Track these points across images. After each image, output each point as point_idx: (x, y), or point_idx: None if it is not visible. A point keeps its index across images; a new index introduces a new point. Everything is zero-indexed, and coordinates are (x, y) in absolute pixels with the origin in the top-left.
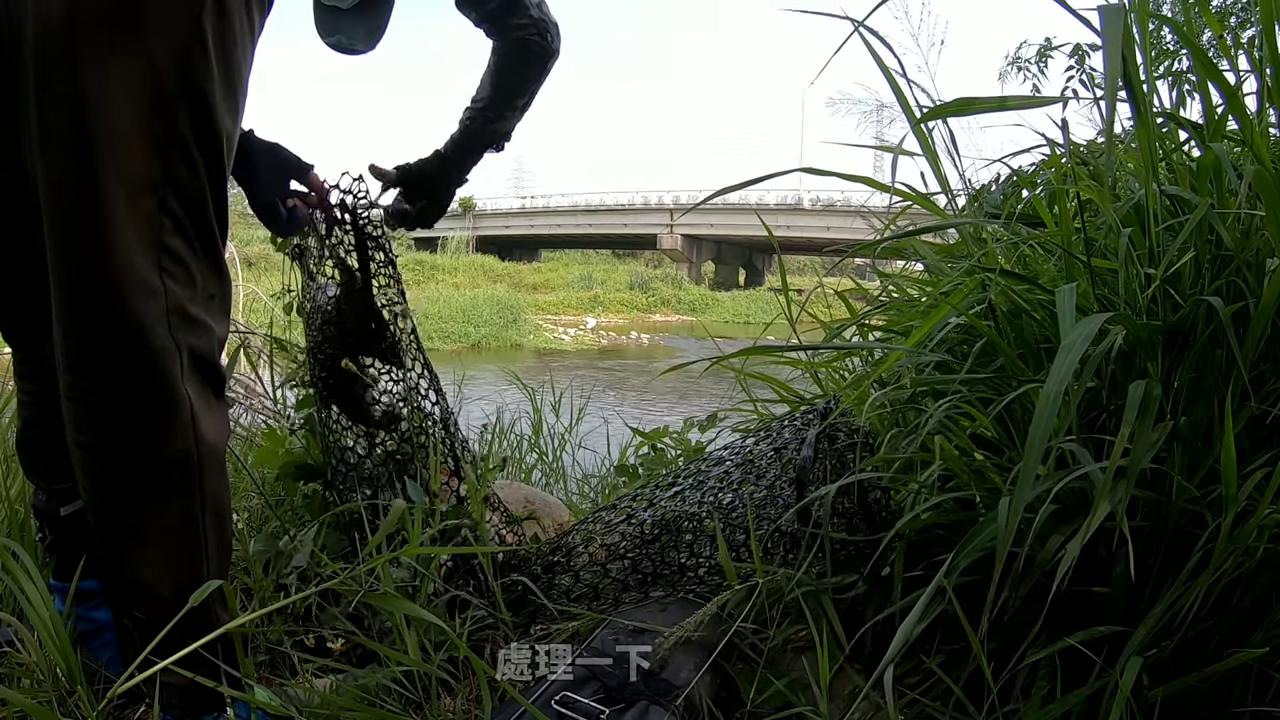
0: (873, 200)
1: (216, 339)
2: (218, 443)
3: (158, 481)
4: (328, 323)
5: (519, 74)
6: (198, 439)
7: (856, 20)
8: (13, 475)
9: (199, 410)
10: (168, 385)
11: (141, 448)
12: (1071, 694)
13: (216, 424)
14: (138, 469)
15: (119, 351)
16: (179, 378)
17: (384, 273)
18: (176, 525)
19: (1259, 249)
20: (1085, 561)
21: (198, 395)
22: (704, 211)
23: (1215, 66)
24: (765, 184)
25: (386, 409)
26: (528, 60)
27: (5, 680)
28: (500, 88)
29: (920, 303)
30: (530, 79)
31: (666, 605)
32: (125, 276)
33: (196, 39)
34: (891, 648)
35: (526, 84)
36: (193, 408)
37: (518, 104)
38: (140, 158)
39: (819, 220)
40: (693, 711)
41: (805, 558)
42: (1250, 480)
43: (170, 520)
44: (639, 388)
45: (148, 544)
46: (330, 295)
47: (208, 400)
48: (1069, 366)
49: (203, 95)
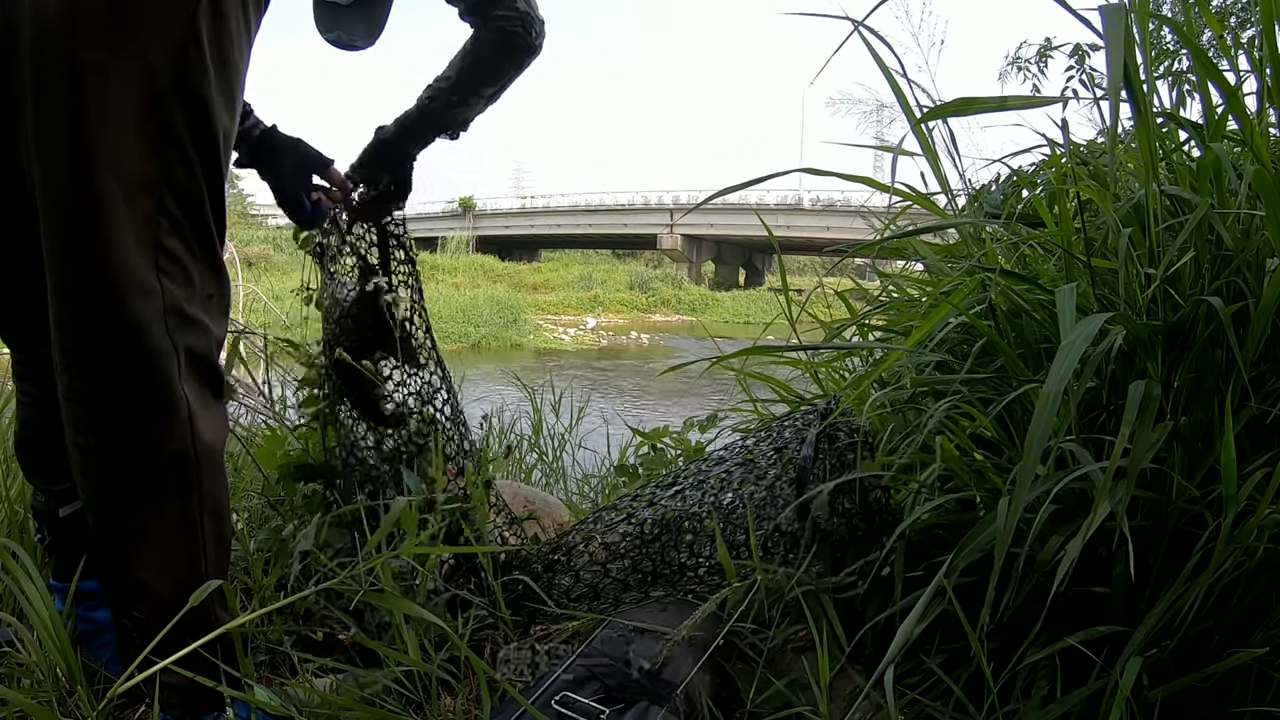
0: (873, 200)
1: (214, 339)
2: (215, 443)
3: (155, 482)
4: (346, 316)
5: (494, 63)
6: (195, 439)
7: (856, 20)
8: (12, 476)
9: (196, 410)
10: (165, 386)
11: (139, 448)
12: (1071, 694)
13: (214, 424)
14: (135, 469)
15: (116, 351)
16: (176, 378)
17: (403, 269)
18: (174, 525)
19: (1259, 249)
20: (1085, 561)
21: (195, 396)
22: (704, 211)
23: (1215, 66)
24: (765, 184)
25: (398, 406)
26: (507, 50)
27: (5, 680)
28: (471, 71)
29: (920, 303)
30: (505, 69)
31: (666, 605)
32: (122, 276)
33: (192, 39)
34: (892, 648)
35: (500, 74)
36: (190, 408)
37: (484, 92)
38: (137, 158)
39: (819, 220)
40: (692, 711)
41: (805, 557)
42: (1250, 480)
43: (168, 520)
44: (638, 386)
45: (146, 544)
46: (349, 289)
47: (205, 401)
48: (1069, 366)
49: (199, 95)
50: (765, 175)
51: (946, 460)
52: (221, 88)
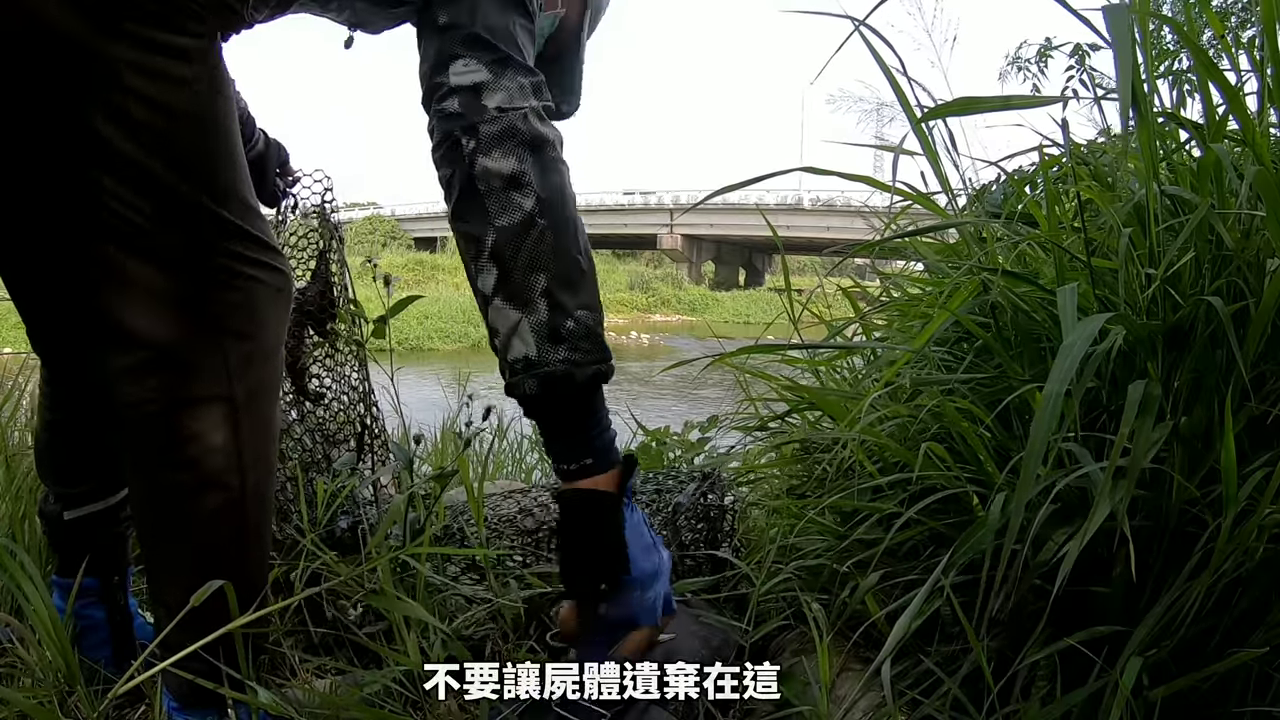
0: (873, 200)
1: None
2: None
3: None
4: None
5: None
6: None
7: (857, 19)
8: (12, 474)
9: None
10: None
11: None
12: (1072, 694)
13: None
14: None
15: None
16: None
17: (334, 257)
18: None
19: (1259, 249)
20: (1085, 561)
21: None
22: (704, 211)
23: (1216, 66)
24: (765, 184)
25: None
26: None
27: (5, 680)
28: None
29: (920, 301)
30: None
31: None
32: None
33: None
34: (889, 642)
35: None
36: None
37: (538, 282)
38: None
39: (819, 220)
40: (692, 711)
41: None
42: (1250, 480)
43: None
44: (639, 385)
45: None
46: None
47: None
48: (1070, 367)
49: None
50: (765, 174)
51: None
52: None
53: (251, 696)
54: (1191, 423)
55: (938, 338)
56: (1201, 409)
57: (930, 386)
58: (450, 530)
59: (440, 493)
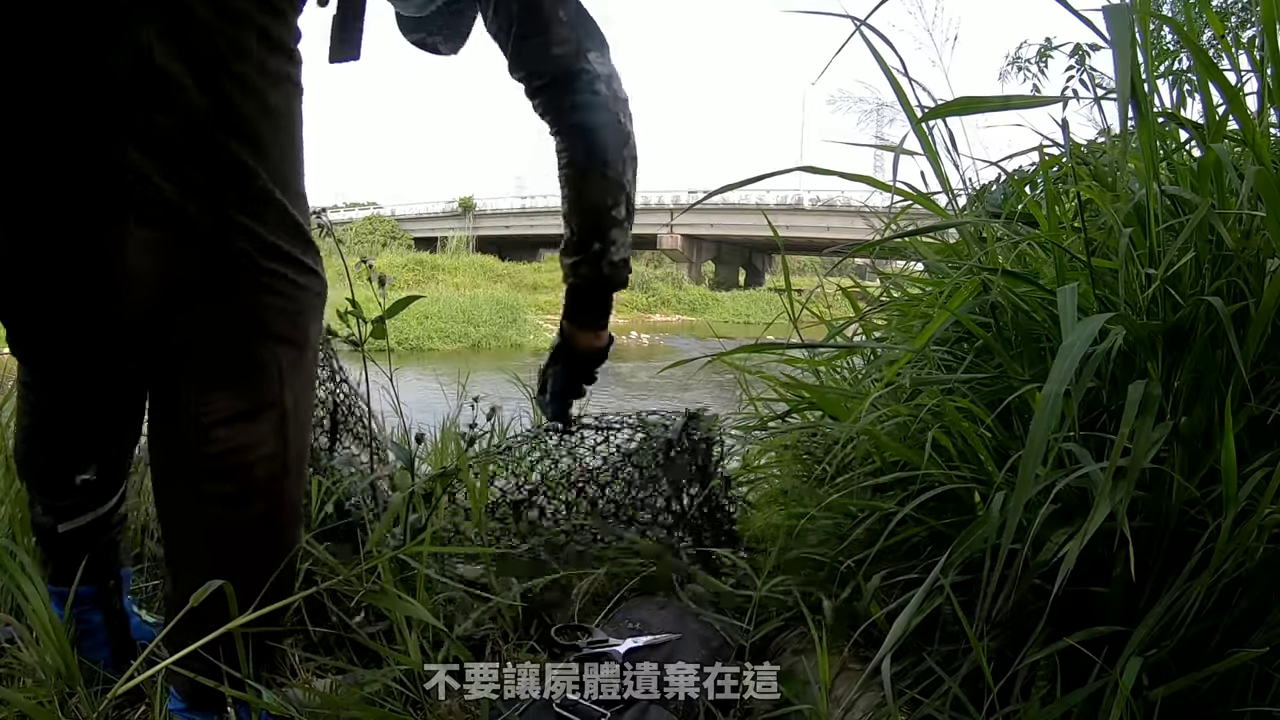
0: (873, 200)
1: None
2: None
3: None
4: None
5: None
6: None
7: (858, 19)
8: (12, 476)
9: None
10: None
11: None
12: (1071, 694)
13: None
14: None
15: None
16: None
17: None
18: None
19: (1259, 249)
20: (1085, 561)
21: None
22: (704, 211)
23: (1216, 66)
24: (765, 183)
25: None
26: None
27: (5, 680)
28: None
29: (921, 301)
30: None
31: (665, 604)
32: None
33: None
34: (888, 641)
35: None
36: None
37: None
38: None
39: (819, 220)
40: (692, 711)
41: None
42: (1250, 480)
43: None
44: (640, 385)
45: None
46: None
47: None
48: (1070, 367)
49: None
50: (765, 174)
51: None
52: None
53: (268, 697)
54: (1191, 423)
55: (938, 337)
56: (1201, 409)
57: (930, 386)
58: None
59: (441, 493)
